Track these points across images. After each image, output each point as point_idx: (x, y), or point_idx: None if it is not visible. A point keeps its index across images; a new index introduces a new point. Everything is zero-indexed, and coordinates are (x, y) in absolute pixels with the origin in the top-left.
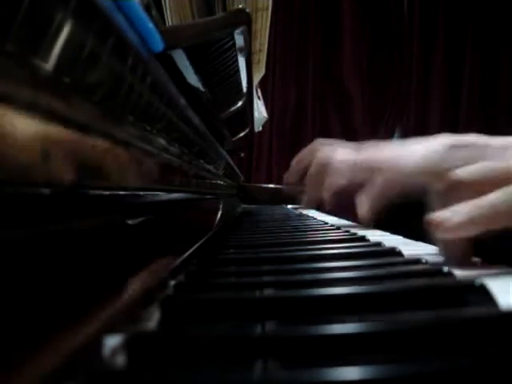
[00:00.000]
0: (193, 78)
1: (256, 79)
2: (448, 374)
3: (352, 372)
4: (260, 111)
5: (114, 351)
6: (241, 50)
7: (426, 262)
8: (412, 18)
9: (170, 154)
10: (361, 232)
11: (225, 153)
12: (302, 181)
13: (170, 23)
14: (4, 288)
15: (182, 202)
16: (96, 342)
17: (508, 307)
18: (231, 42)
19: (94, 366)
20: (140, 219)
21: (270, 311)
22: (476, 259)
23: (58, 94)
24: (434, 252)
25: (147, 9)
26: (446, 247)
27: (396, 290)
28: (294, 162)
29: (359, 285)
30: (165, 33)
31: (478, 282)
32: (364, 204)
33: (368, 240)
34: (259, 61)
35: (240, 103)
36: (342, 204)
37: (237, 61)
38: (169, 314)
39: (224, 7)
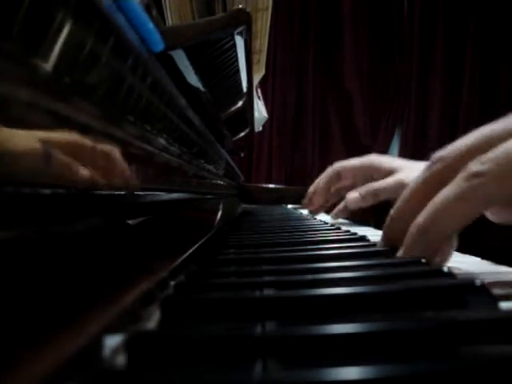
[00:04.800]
0: (193, 78)
1: (256, 79)
2: (448, 374)
3: (352, 372)
4: (260, 111)
5: (114, 351)
6: (241, 49)
7: (427, 262)
8: (412, 18)
9: (170, 153)
10: (361, 232)
11: (225, 153)
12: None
13: (170, 23)
14: (5, 288)
15: (182, 202)
16: (96, 342)
17: (508, 308)
18: (231, 42)
19: (94, 365)
20: (140, 219)
21: (270, 311)
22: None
23: (58, 93)
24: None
25: (147, 9)
26: None
27: (396, 291)
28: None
29: (359, 285)
30: (165, 33)
31: (478, 282)
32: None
33: (368, 240)
34: (259, 61)
35: (240, 103)
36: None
37: (237, 61)
38: (169, 314)
39: (224, 7)
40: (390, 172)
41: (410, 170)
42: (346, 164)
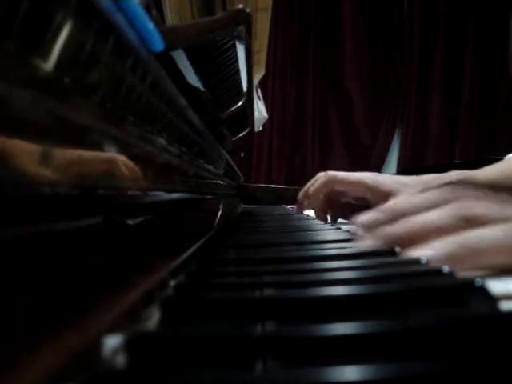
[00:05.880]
0: (193, 78)
1: (256, 79)
2: (448, 374)
3: (352, 372)
4: (260, 111)
5: (114, 351)
6: (241, 49)
7: (426, 262)
8: (412, 18)
9: (170, 153)
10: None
11: (225, 153)
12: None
13: (170, 23)
14: (4, 288)
15: (182, 202)
16: (96, 342)
17: (508, 308)
18: (231, 42)
19: (94, 365)
20: (140, 219)
21: (270, 311)
22: None
23: (58, 93)
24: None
25: (147, 9)
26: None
27: (396, 291)
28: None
29: (359, 285)
30: (165, 33)
31: (478, 282)
32: None
33: None
34: (259, 61)
35: (240, 103)
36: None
37: (237, 61)
38: (169, 314)
39: (224, 7)
40: (387, 194)
41: (409, 194)
42: (341, 176)
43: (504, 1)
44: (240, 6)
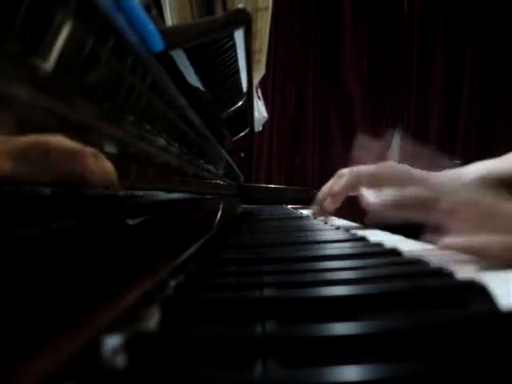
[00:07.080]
0: (193, 78)
1: (256, 79)
2: (448, 374)
3: (352, 372)
4: (260, 111)
5: (114, 351)
6: (241, 49)
7: (427, 262)
8: (412, 18)
9: (170, 153)
10: (361, 232)
11: (225, 153)
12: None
13: (170, 23)
14: (5, 288)
15: (182, 202)
16: (96, 342)
17: (508, 307)
18: (231, 42)
19: (94, 365)
20: (140, 219)
21: (270, 311)
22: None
23: (58, 93)
24: (434, 252)
25: (147, 9)
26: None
27: (396, 291)
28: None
29: (359, 285)
30: (165, 33)
31: (478, 282)
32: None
33: (368, 240)
34: (259, 61)
35: (240, 103)
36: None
37: (237, 61)
38: (169, 314)
39: (224, 7)
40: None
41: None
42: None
43: (504, 0)
44: (240, 5)
